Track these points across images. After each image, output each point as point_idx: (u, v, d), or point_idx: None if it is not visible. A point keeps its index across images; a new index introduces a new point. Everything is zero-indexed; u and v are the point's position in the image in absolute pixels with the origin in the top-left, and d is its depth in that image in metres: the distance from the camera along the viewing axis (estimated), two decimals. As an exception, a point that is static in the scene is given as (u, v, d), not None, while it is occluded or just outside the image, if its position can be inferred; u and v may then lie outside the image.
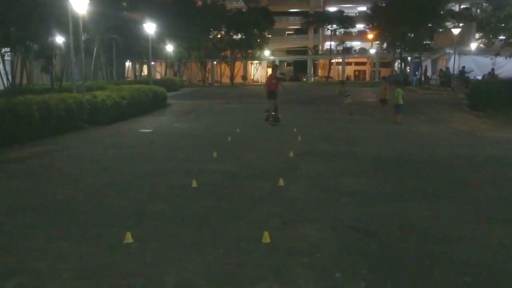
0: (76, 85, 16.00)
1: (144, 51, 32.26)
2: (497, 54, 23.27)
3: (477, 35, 32.12)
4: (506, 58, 23.41)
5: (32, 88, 22.46)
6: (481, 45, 28.10)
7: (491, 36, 21.74)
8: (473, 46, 33.90)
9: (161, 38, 35.75)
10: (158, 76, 46.22)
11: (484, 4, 24.29)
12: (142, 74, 45.45)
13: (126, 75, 42.90)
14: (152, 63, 35.60)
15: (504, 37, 21.40)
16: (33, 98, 11.76)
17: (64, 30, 19.64)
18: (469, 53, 34.41)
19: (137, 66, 45.84)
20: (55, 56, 26.25)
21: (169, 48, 40.09)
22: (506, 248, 4.36)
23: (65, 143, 11.18)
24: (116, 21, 29.82)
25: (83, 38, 17.98)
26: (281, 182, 6.71)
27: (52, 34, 22.03)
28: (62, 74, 27.34)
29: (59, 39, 23.99)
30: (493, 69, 30.56)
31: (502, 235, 4.69)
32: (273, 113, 14.00)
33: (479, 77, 30.63)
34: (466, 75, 32.00)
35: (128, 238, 4.50)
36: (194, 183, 6.65)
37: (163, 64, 50.67)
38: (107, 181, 7.08)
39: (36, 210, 5.62)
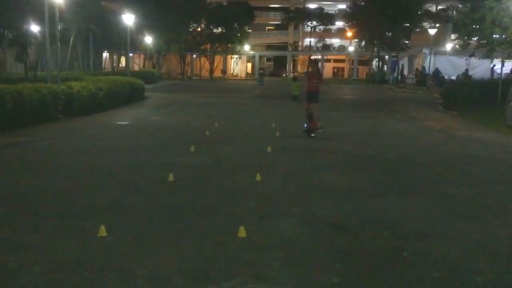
0: (51, 75, 15.67)
1: (122, 42, 31.81)
2: (472, 55, 23.74)
3: (452, 36, 32.76)
4: (480, 59, 23.89)
5: (6, 77, 21.90)
6: (457, 46, 28.66)
7: (466, 37, 22.16)
8: (449, 46, 34.58)
9: (140, 29, 35.24)
10: (136, 68, 45.59)
11: (460, 5, 24.75)
12: (120, 65, 44.74)
13: (103, 66, 42.18)
14: (131, 54, 35.10)
15: (477, 38, 21.86)
16: (6, 88, 11.52)
17: (39, 19, 19.19)
18: (444, 53, 35.06)
19: (115, 57, 45.10)
20: (30, 45, 25.65)
21: (148, 40, 39.58)
22: (474, 244, 4.49)
23: (39, 134, 10.95)
24: (94, 10, 29.28)
25: (59, 27, 17.61)
26: (258, 177, 6.74)
27: (27, 22, 21.51)
28: (36, 63, 26.73)
29: (35, 28, 23.42)
30: (467, 70, 31.19)
31: (471, 231, 4.82)
32: (307, 120, 11.40)
33: (454, 78, 31.25)
34: (441, 75, 32.65)
35: (102, 231, 4.45)
36: (171, 177, 6.62)
37: (142, 56, 49.99)
38: (82, 174, 6.98)
39: (7, 202, 5.50)
